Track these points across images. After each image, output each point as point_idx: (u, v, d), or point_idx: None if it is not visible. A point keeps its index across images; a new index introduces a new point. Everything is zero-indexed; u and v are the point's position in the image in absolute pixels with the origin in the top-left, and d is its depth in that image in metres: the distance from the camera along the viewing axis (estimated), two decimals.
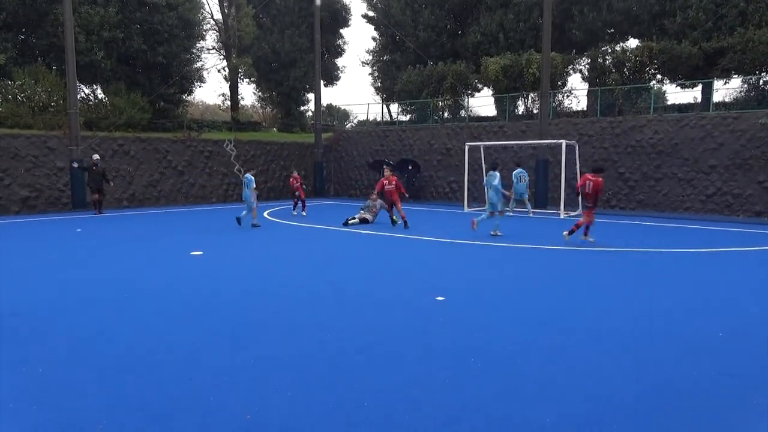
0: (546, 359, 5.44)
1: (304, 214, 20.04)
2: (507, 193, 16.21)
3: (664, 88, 28.11)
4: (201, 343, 5.97)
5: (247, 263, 10.72)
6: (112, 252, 11.90)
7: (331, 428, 4.05)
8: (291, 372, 5.13)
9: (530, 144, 22.81)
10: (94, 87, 29.86)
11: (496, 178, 14.30)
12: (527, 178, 19.54)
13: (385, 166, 16.65)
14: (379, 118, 36.59)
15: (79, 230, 15.66)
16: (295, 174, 20.65)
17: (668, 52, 23.96)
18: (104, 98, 28.93)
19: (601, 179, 12.62)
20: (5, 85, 25.13)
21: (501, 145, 23.74)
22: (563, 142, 20.25)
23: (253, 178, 16.47)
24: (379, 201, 17.32)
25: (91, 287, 8.63)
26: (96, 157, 20.70)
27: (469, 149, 22.80)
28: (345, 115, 45.88)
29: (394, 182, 16.24)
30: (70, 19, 21.49)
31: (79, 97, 24.35)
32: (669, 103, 27.57)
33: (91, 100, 29.35)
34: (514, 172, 18.27)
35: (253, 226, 16.39)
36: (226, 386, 4.80)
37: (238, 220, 16.36)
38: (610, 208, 21.78)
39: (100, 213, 20.48)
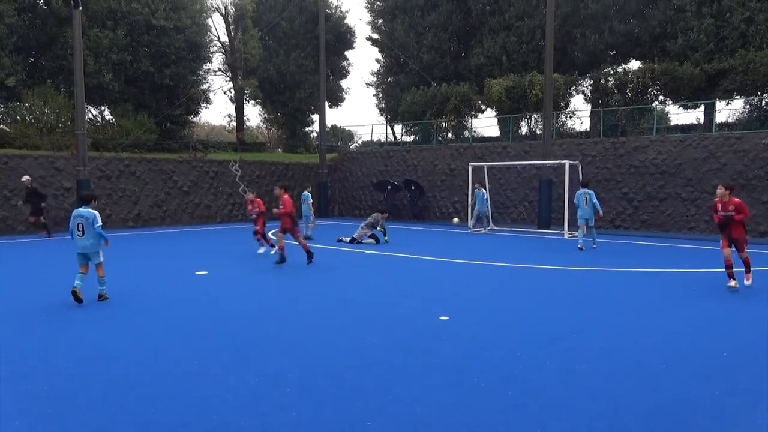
0: (552, 378, 5.43)
1: (260, 251, 15.22)
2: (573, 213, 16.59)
3: (667, 109, 28.27)
4: (206, 360, 6.00)
5: (251, 281, 10.76)
6: (118, 271, 11.95)
7: None
8: (295, 389, 5.14)
9: (534, 164, 22.90)
10: (102, 108, 30.30)
11: (592, 194, 15.54)
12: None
13: (276, 186, 13.78)
14: (383, 139, 36.86)
15: None
16: (250, 195, 15.63)
17: (670, 74, 24.15)
18: (111, 119, 29.33)
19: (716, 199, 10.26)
20: (15, 107, 25.51)
21: (505, 165, 23.85)
22: (566, 162, 20.33)
23: (309, 194, 18.45)
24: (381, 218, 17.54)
25: (95, 305, 8.68)
26: (26, 178, 19.30)
27: (472, 170, 22.90)
28: (349, 135, 46.23)
29: (285, 202, 13.07)
30: (79, 41, 21.82)
31: (86, 118, 24.65)
32: (672, 123, 27.71)
33: (98, 121, 29.76)
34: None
35: (306, 238, 17.54)
36: (230, 404, 4.81)
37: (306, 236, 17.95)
38: (614, 228, 21.78)
39: (50, 236, 19.03)
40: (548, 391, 5.08)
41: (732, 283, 9.94)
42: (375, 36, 38.39)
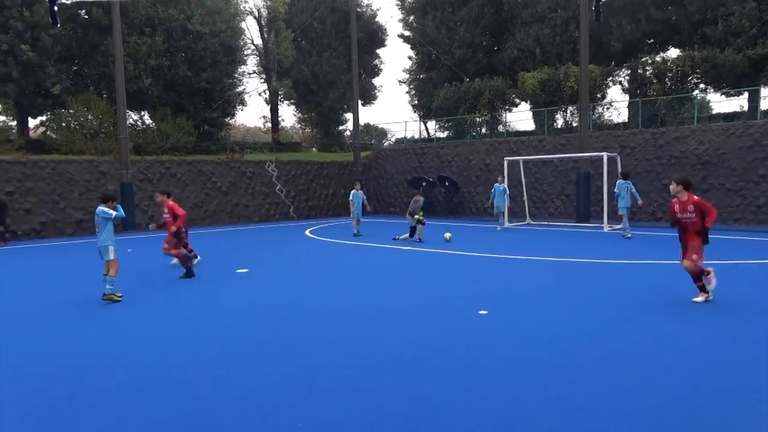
0: (592, 370, 5.41)
1: (174, 262, 12.53)
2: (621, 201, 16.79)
3: (708, 97, 27.47)
4: (251, 354, 6.17)
5: (291, 279, 10.94)
6: (161, 271, 12.30)
7: None
8: (339, 382, 5.25)
9: (570, 157, 22.58)
10: (142, 113, 31.14)
11: (631, 184, 16.69)
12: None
13: (157, 193, 11.87)
14: (416, 136, 36.84)
15: (129, 250, 16.22)
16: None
17: (711, 61, 23.48)
18: (152, 123, 30.11)
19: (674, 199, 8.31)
20: (60, 114, 26.44)
21: (540, 159, 23.58)
22: (605, 154, 19.99)
23: (356, 192, 19.03)
24: (421, 199, 17.11)
25: (144, 304, 8.99)
26: None
27: (507, 164, 22.71)
28: (383, 133, 46.35)
29: (167, 210, 11.29)
30: (119, 49, 22.50)
31: (128, 122, 25.35)
32: (714, 112, 26.92)
33: (139, 126, 30.58)
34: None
35: (355, 235, 18.60)
36: (276, 395, 4.96)
37: (357, 233, 18.74)
38: (655, 221, 21.30)
39: (6, 244, 18.21)
40: (589, 384, 5.06)
41: (701, 297, 8.13)
42: (406, 33, 38.39)
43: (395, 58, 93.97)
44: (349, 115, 39.97)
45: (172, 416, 4.59)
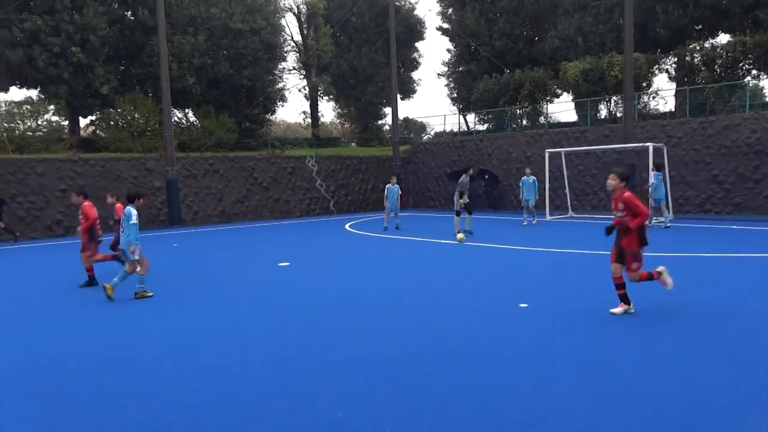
0: (633, 365, 5.32)
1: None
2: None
3: (761, 84, 26.38)
4: (290, 344, 6.28)
5: (331, 272, 11.06)
6: (206, 265, 12.62)
7: (418, 428, 4.17)
8: (378, 373, 5.30)
9: (614, 148, 22.05)
10: (186, 111, 31.91)
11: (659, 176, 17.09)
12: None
13: (75, 195, 10.81)
14: (455, 129, 36.59)
15: (175, 245, 16.69)
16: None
17: (764, 46, 22.51)
18: (195, 121, 30.81)
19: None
20: (108, 113, 27.35)
21: (583, 150, 23.11)
22: (650, 145, 19.45)
23: (391, 187, 18.73)
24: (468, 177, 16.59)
25: (190, 297, 9.24)
26: None
27: (549, 156, 22.34)
28: (422, 127, 46.21)
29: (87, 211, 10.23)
30: (164, 49, 23.07)
31: (172, 120, 26.00)
32: (767, 99, 25.84)
33: (183, 123, 31.34)
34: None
35: (384, 229, 18.69)
36: (317, 386, 5.04)
37: (397, 226, 18.92)
38: (704, 213, 20.64)
39: (16, 242, 18.02)
40: (631, 377, 4.98)
41: (618, 309, 7.13)
42: (445, 25, 38.08)
43: (434, 51, 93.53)
44: (387, 110, 40.02)
45: (213, 404, 4.71)
